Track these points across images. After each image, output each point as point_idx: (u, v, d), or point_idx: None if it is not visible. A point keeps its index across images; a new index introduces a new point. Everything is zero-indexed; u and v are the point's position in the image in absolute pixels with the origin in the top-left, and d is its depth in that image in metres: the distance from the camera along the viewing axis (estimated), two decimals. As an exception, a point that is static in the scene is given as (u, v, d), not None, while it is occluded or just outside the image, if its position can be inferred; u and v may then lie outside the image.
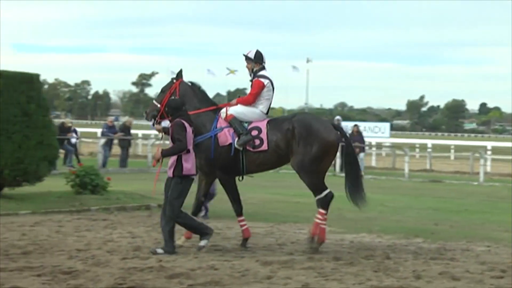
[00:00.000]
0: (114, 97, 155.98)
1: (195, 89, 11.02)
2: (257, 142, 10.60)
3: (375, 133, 49.40)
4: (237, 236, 11.81)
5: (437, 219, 14.89)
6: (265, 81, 10.89)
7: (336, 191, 10.82)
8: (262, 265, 9.32)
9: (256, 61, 10.98)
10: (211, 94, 11.41)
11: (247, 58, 11.03)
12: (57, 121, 28.00)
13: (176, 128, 9.95)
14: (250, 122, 10.74)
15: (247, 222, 10.92)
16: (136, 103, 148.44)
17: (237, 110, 10.80)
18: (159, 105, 10.77)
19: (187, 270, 8.77)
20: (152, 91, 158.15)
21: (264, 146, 10.61)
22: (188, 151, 9.97)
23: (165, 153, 9.96)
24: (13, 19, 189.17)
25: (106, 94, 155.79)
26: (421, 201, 18.97)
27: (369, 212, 14.03)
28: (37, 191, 15.21)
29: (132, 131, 33.73)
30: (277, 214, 15.13)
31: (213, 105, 10.98)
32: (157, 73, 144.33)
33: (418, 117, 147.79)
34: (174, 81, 10.95)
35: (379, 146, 44.52)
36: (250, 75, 11.03)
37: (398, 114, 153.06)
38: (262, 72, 10.96)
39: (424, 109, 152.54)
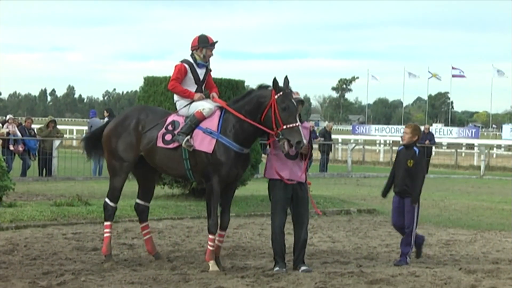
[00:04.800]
0: (314, 102, 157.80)
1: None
2: None
3: None
4: (438, 243, 11.56)
5: None
6: None
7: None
8: (465, 274, 9.04)
9: None
10: (412, 98, 11.11)
11: (214, 45, 9.60)
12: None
13: None
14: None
15: (450, 229, 10.61)
16: (336, 108, 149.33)
17: None
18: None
19: (387, 276, 8.67)
20: (352, 96, 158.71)
21: None
22: None
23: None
24: (220, 27, 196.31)
25: (306, 100, 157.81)
26: None
27: None
28: (240, 195, 15.62)
29: (333, 136, 34.04)
30: (481, 221, 14.62)
31: None
32: (357, 78, 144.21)
33: None
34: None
35: None
36: (207, 65, 9.60)
37: None
38: None
39: None
